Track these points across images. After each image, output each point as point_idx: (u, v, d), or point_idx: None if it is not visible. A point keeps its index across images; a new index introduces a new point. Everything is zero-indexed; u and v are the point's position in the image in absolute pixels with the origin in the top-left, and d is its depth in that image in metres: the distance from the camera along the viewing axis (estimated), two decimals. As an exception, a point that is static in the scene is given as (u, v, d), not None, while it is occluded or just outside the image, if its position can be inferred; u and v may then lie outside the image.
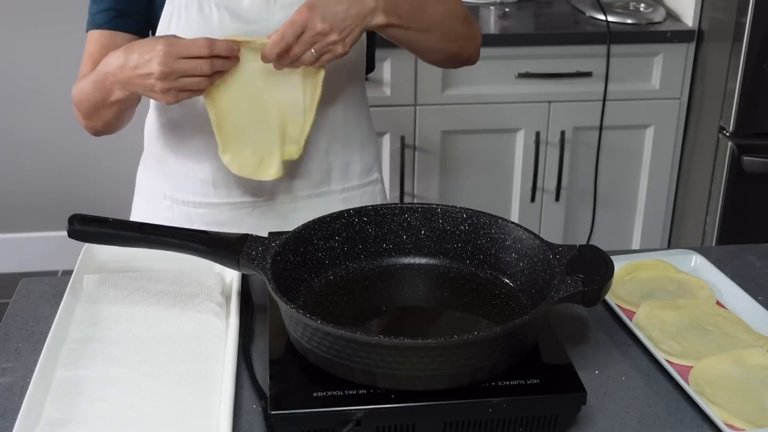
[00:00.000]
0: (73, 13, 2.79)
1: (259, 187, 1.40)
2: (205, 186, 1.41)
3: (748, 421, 0.99)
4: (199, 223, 1.42)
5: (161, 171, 1.45)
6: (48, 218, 3.06)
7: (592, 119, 2.55)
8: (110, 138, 1.34)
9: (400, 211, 1.19)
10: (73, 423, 0.97)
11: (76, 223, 1.13)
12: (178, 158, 1.41)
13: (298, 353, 1.01)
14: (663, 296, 1.24)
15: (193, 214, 1.43)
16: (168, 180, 1.44)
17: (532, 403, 0.96)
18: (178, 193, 1.44)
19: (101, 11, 1.37)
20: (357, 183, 1.48)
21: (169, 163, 1.43)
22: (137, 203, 1.55)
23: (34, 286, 1.28)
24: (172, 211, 1.45)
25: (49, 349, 1.05)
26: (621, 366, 1.12)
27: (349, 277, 1.16)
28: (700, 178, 2.55)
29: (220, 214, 1.42)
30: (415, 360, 0.93)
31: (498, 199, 2.63)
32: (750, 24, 2.27)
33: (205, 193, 1.42)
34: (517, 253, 1.14)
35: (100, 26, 1.37)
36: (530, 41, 2.48)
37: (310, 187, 1.43)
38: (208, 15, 1.32)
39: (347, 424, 0.93)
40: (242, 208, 1.42)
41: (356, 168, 1.47)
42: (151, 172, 1.49)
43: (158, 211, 1.47)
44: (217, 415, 0.97)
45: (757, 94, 2.35)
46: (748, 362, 1.09)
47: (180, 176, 1.42)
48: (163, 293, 1.19)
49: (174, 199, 1.45)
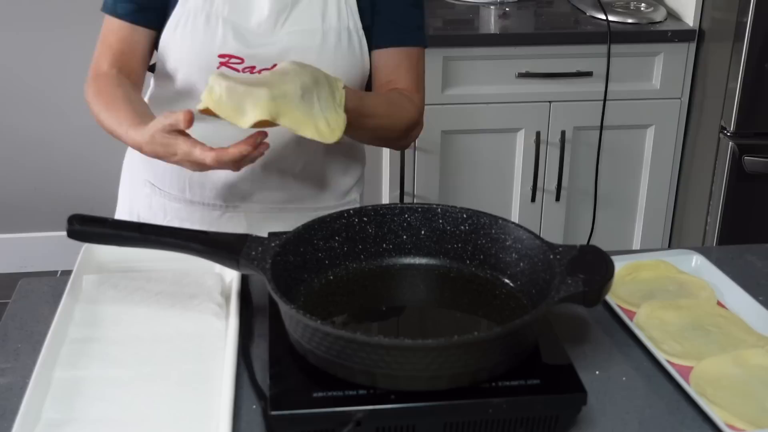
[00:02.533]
0: (73, 13, 2.79)
1: (233, 193, 1.43)
2: (182, 181, 1.44)
3: (749, 422, 0.99)
4: (171, 218, 1.46)
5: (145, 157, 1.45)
6: (48, 218, 3.06)
7: (593, 119, 2.55)
8: (110, 138, 1.34)
9: (400, 211, 1.19)
10: (73, 423, 0.97)
11: (75, 223, 1.13)
12: None
13: (298, 354, 1.01)
14: (664, 296, 1.24)
15: (168, 207, 1.47)
16: (150, 167, 1.47)
17: (532, 403, 0.96)
18: (158, 182, 1.47)
19: (122, 1, 1.37)
20: (332, 204, 1.49)
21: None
22: (122, 187, 1.58)
23: (33, 286, 1.28)
24: (151, 199, 1.49)
25: (49, 350, 1.05)
26: (621, 366, 1.11)
27: (349, 277, 1.16)
28: (701, 178, 2.55)
29: (193, 212, 1.46)
30: (415, 360, 0.93)
31: (498, 199, 2.63)
32: (751, 24, 2.27)
33: (181, 188, 1.45)
34: (518, 254, 1.14)
35: (120, 16, 1.37)
36: (530, 41, 2.48)
37: (282, 201, 1.46)
38: (213, 29, 1.33)
39: (347, 424, 0.93)
40: (213, 210, 1.45)
41: (333, 190, 1.50)
42: (133, 159, 1.53)
43: (138, 198, 1.51)
44: (216, 415, 0.97)
45: (758, 94, 2.35)
46: (749, 363, 1.09)
47: (160, 165, 1.41)
48: (163, 293, 1.19)
49: (153, 188, 1.48)
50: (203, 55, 1.34)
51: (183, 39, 1.34)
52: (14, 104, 2.93)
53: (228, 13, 1.34)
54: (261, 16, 1.34)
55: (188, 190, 1.45)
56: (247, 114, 1.15)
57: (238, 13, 1.34)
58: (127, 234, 1.13)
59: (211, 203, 1.45)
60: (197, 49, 1.34)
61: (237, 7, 1.34)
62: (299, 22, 1.35)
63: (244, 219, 1.46)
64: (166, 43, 1.37)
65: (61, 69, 2.87)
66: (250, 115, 1.15)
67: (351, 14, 1.37)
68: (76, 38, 2.81)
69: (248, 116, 1.15)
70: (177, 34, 1.35)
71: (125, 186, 1.57)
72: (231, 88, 1.15)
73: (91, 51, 1.43)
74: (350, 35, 1.37)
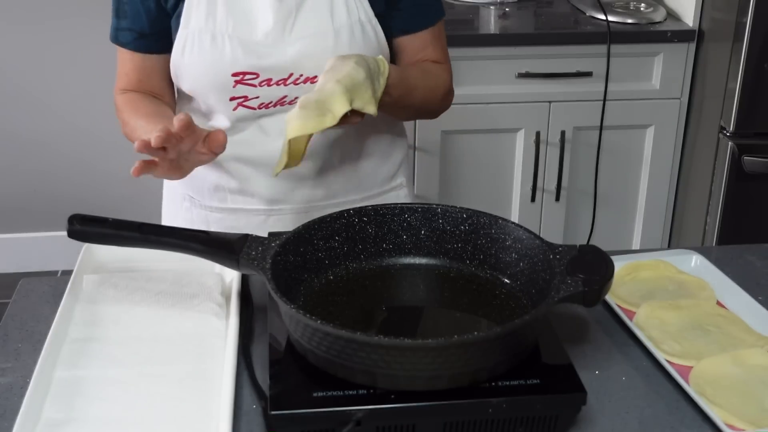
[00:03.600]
0: (73, 14, 2.79)
1: (275, 196, 1.41)
2: (221, 191, 1.42)
3: (749, 422, 0.99)
4: (216, 227, 1.43)
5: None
6: (48, 218, 3.06)
7: (593, 119, 2.55)
8: (110, 139, 1.35)
9: (400, 211, 1.19)
10: (73, 423, 0.97)
11: (75, 223, 1.13)
12: None
13: (298, 353, 1.01)
14: (663, 296, 1.24)
15: (211, 218, 1.45)
16: (187, 182, 1.44)
17: (532, 403, 0.96)
18: (197, 196, 1.45)
19: (123, 30, 1.36)
20: (377, 191, 1.48)
21: None
22: (165, 203, 1.56)
23: (33, 286, 1.28)
24: (191, 212, 1.47)
25: (49, 349, 1.05)
26: (621, 366, 1.12)
27: (349, 277, 1.16)
28: (701, 178, 2.55)
29: (237, 219, 1.43)
30: (415, 360, 0.93)
31: (498, 199, 2.63)
32: (750, 24, 2.27)
33: (222, 199, 1.43)
34: (518, 253, 1.14)
35: (123, 45, 1.38)
36: (530, 41, 2.48)
37: (326, 197, 1.43)
38: (220, 47, 1.30)
39: (347, 424, 0.93)
40: (257, 215, 1.43)
41: (375, 177, 1.47)
42: None
43: (179, 212, 1.49)
44: (216, 415, 0.97)
45: (758, 94, 2.35)
46: (748, 362, 1.09)
47: (198, 179, 1.42)
48: (163, 293, 1.19)
49: (193, 201, 1.46)
50: (216, 76, 1.31)
51: (192, 62, 1.31)
52: (15, 104, 2.93)
53: (233, 29, 1.30)
54: (267, 26, 1.30)
55: (229, 199, 1.42)
56: (333, 110, 1.17)
57: (242, 27, 1.30)
58: (127, 234, 1.13)
59: (255, 208, 1.42)
60: (209, 71, 1.31)
61: (240, 21, 1.31)
62: (307, 25, 1.31)
63: (290, 220, 1.42)
64: (176, 67, 1.35)
65: (62, 69, 2.87)
66: (336, 109, 1.17)
67: (360, 5, 1.33)
68: (76, 39, 2.81)
69: (335, 110, 1.17)
70: (185, 58, 1.32)
71: (167, 203, 1.55)
72: (303, 105, 1.17)
73: (91, 52, 1.44)
74: (363, 27, 1.33)
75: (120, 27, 1.37)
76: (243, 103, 1.34)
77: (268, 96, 1.33)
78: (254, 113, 1.35)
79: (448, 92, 1.45)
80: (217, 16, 1.30)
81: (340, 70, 1.20)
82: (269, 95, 1.33)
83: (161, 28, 1.35)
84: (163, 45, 1.36)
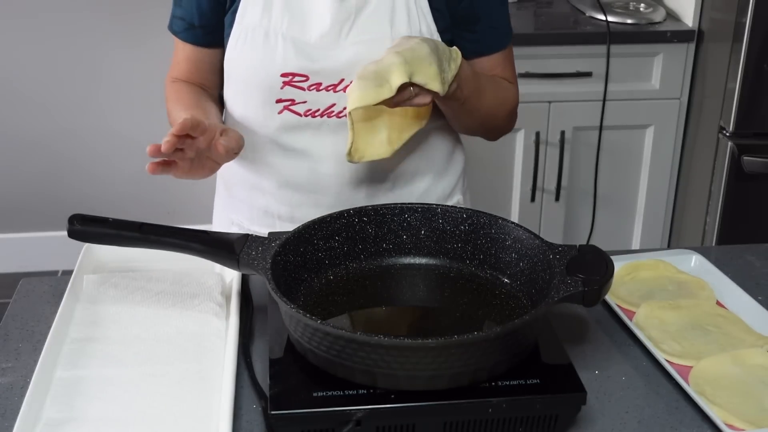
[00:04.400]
0: (73, 14, 2.79)
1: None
2: (269, 217, 1.40)
3: (748, 421, 0.99)
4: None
5: (230, 198, 1.45)
6: (48, 218, 3.06)
7: (592, 119, 2.55)
8: (110, 139, 1.35)
9: (400, 211, 1.19)
10: (73, 423, 0.97)
11: (76, 223, 1.13)
12: (244, 189, 1.41)
13: (298, 353, 1.01)
14: (663, 296, 1.24)
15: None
16: (235, 207, 1.44)
17: (532, 403, 0.96)
18: (245, 221, 1.43)
19: (177, 18, 1.36)
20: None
21: (235, 191, 1.43)
22: (214, 228, 1.52)
23: (34, 286, 1.28)
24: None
25: (49, 349, 1.05)
26: (621, 366, 1.12)
27: (349, 277, 1.16)
28: (700, 178, 2.55)
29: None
30: (415, 360, 0.93)
31: (498, 199, 2.63)
32: (750, 24, 2.27)
33: (270, 225, 1.40)
34: (517, 253, 1.14)
35: (176, 33, 1.37)
36: (530, 41, 2.48)
37: None
38: (273, 46, 1.27)
39: (347, 424, 0.93)
40: None
41: (429, 197, 1.42)
42: (221, 197, 1.49)
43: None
44: (217, 415, 0.97)
45: (757, 94, 2.35)
46: (748, 362, 1.09)
47: (245, 204, 1.42)
48: (163, 293, 1.19)
49: (241, 227, 1.44)
50: (265, 76, 1.28)
51: (242, 59, 1.29)
52: (15, 105, 2.93)
53: (287, 28, 1.26)
54: (323, 28, 1.26)
55: (278, 224, 1.39)
56: (390, 80, 1.13)
57: (297, 27, 1.26)
58: (127, 234, 1.13)
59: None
60: (258, 70, 1.28)
61: (296, 20, 1.26)
62: (365, 30, 1.26)
63: None
64: (228, 63, 1.32)
65: (62, 69, 2.87)
66: (394, 79, 1.13)
67: (423, 17, 1.28)
68: (77, 39, 2.81)
69: (392, 81, 1.13)
70: (236, 54, 1.29)
71: (216, 228, 1.51)
72: (361, 76, 1.15)
73: (92, 53, 1.44)
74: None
75: (175, 15, 1.36)
76: (289, 107, 1.30)
77: (316, 102, 1.29)
78: (299, 121, 1.30)
79: (514, 110, 1.41)
80: (273, 13, 1.27)
81: (403, 44, 1.17)
82: (317, 101, 1.29)
83: (211, 23, 1.33)
84: (212, 39, 1.34)
